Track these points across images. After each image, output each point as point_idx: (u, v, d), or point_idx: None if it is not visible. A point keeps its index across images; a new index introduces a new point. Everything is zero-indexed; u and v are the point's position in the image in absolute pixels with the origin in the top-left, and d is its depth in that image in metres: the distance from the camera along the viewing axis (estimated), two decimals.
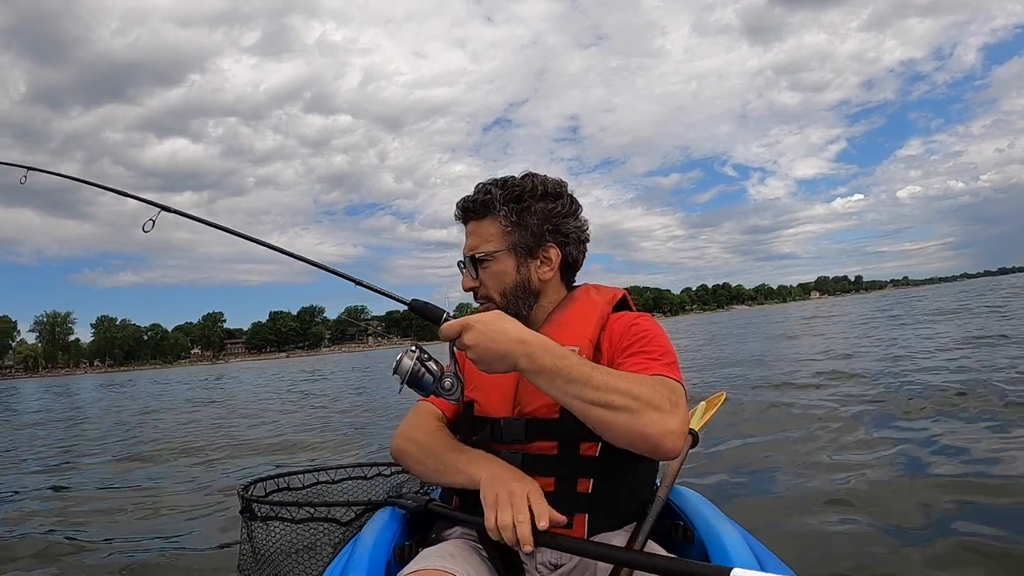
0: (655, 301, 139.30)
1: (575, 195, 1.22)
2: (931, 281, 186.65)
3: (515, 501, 0.95)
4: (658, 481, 1.19)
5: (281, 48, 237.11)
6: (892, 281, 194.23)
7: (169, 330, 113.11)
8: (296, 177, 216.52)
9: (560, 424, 1.06)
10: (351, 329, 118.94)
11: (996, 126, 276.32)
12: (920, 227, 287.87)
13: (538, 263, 1.17)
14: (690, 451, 1.37)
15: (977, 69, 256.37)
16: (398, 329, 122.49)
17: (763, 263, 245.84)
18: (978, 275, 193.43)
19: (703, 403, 1.75)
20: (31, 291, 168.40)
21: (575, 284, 1.26)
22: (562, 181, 1.22)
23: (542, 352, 0.92)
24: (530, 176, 1.19)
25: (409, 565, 0.99)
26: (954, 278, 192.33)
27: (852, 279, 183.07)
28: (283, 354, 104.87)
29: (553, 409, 1.06)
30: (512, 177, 1.20)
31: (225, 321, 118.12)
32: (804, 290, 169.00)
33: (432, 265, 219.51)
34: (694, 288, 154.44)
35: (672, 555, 1.01)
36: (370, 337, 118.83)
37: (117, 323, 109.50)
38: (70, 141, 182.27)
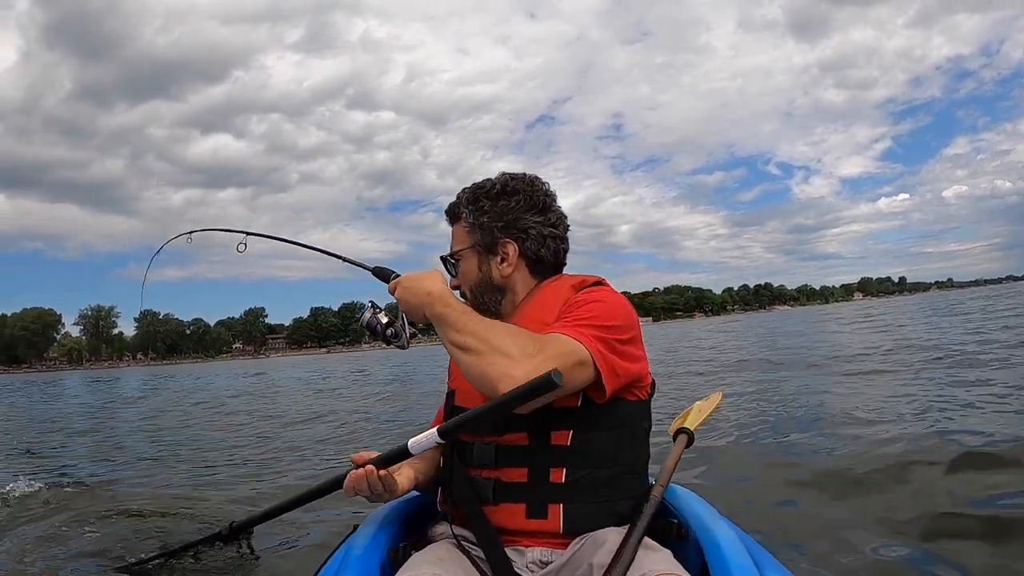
0: (696, 300, 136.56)
1: (551, 191, 1.25)
2: (976, 283, 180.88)
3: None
4: (652, 480, 1.20)
5: (324, 45, 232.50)
6: (936, 283, 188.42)
7: (211, 325, 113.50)
8: (339, 173, 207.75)
9: (528, 415, 1.06)
10: None
11: None
12: (966, 227, 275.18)
13: (498, 260, 1.21)
14: (684, 450, 1.39)
15: None
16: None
17: (807, 263, 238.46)
18: None
19: (698, 403, 1.74)
20: (76, 285, 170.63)
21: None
22: (529, 178, 1.25)
23: (438, 303, 1.06)
24: (498, 177, 1.24)
25: (400, 572, 1.00)
26: (999, 280, 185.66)
27: (896, 280, 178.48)
28: (323, 350, 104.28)
29: None
30: (486, 180, 1.25)
31: (266, 316, 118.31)
32: (847, 291, 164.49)
33: None
34: (736, 288, 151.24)
35: (666, 549, 1.03)
36: None
37: (160, 317, 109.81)
38: (115, 137, 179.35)
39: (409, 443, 1.06)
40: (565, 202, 1.30)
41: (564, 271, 1.28)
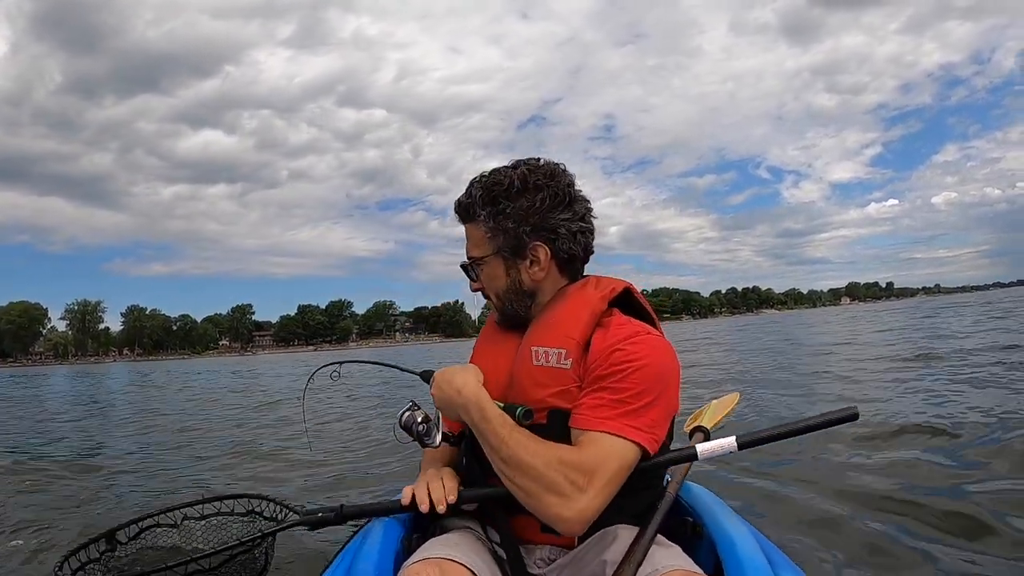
0: (684, 303, 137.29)
1: (572, 179, 1.14)
2: (963, 289, 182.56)
3: (426, 478, 1.14)
4: (668, 477, 1.17)
5: (316, 41, 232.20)
6: (924, 288, 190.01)
7: (198, 321, 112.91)
8: (329, 171, 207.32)
9: (547, 428, 1.04)
10: (379, 324, 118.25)
11: None
12: (955, 234, 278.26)
13: (527, 264, 1.12)
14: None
15: (1016, 74, 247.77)
16: (426, 325, 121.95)
17: (796, 267, 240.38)
18: (1012, 284, 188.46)
19: (714, 402, 1.72)
20: (63, 279, 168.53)
21: (584, 275, 1.19)
22: (552, 168, 1.13)
23: (473, 408, 1.01)
24: (511, 169, 1.12)
25: (415, 554, 1.00)
26: (987, 286, 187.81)
27: (883, 285, 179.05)
28: (311, 347, 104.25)
29: (541, 414, 1.06)
30: (497, 171, 1.13)
31: (254, 313, 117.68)
32: (834, 295, 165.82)
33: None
34: (723, 291, 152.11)
35: (676, 545, 1.03)
36: (397, 333, 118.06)
37: (147, 313, 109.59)
38: (104, 131, 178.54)
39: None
40: None
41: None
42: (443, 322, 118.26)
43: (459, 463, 1.23)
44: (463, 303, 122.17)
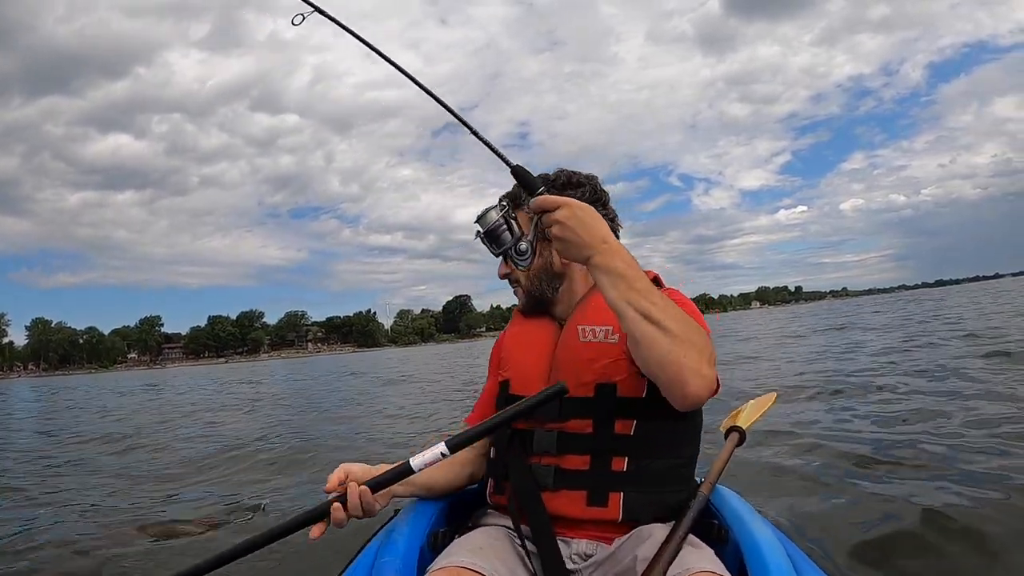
0: None
1: (607, 193, 1.27)
2: (870, 292, 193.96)
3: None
4: (699, 479, 1.20)
5: (230, 43, 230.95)
6: (831, 292, 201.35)
7: (105, 334, 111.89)
8: (241, 177, 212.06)
9: (594, 402, 1.09)
10: (290, 335, 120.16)
11: (939, 142, 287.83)
12: (861, 239, 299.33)
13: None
14: (735, 449, 1.38)
15: (922, 86, 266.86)
16: (338, 335, 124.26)
17: (706, 272, 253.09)
18: (916, 287, 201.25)
19: (752, 402, 1.74)
20: None
21: None
22: (588, 175, 1.27)
23: (617, 255, 0.97)
24: (560, 171, 1.27)
25: (437, 560, 1.00)
26: (892, 289, 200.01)
27: (792, 289, 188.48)
28: (221, 359, 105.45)
29: (588, 388, 1.10)
30: (549, 173, 1.27)
31: (163, 325, 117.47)
32: (745, 300, 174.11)
33: (376, 271, 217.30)
34: None
35: (709, 548, 1.04)
36: (309, 343, 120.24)
37: (52, 326, 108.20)
38: (10, 133, 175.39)
39: (412, 461, 0.98)
40: (467, 211, 1.58)
41: None
42: (355, 332, 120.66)
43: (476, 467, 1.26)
44: (375, 312, 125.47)
